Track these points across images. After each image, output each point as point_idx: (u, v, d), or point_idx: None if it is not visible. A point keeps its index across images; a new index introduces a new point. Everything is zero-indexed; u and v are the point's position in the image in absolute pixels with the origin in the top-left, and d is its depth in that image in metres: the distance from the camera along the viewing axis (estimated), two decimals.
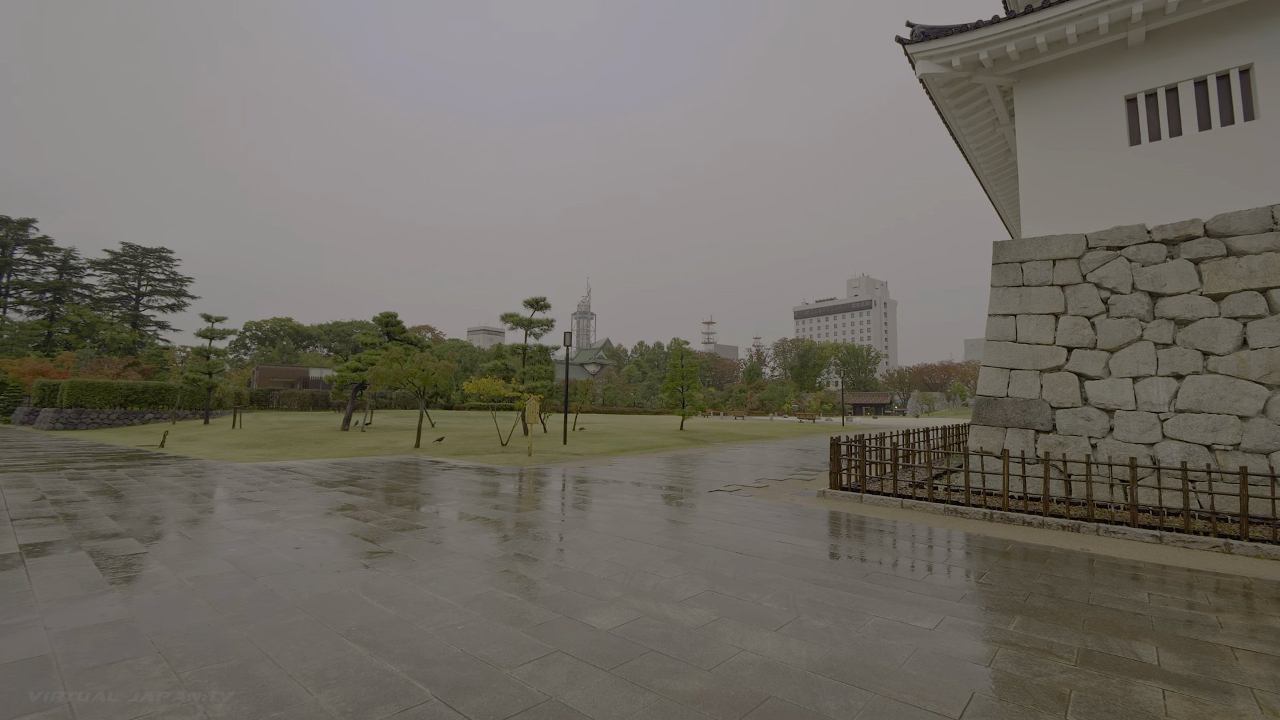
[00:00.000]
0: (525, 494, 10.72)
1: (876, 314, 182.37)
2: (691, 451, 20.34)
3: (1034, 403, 10.93)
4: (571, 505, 9.56)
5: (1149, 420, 9.84)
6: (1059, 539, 7.66)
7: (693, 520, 8.33)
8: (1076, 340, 10.82)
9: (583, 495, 10.62)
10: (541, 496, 10.49)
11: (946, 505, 9.29)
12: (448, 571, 5.68)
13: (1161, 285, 10.26)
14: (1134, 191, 10.82)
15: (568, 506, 9.45)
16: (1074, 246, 11.20)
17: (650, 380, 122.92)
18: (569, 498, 10.37)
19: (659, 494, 10.86)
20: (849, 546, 6.98)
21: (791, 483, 12.69)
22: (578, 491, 11.09)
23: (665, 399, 35.13)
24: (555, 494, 10.83)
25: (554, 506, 9.46)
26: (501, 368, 24.41)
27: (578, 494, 10.79)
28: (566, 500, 10.11)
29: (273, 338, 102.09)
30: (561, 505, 9.59)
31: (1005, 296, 11.75)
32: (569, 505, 9.57)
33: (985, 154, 15.41)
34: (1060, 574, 5.98)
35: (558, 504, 9.72)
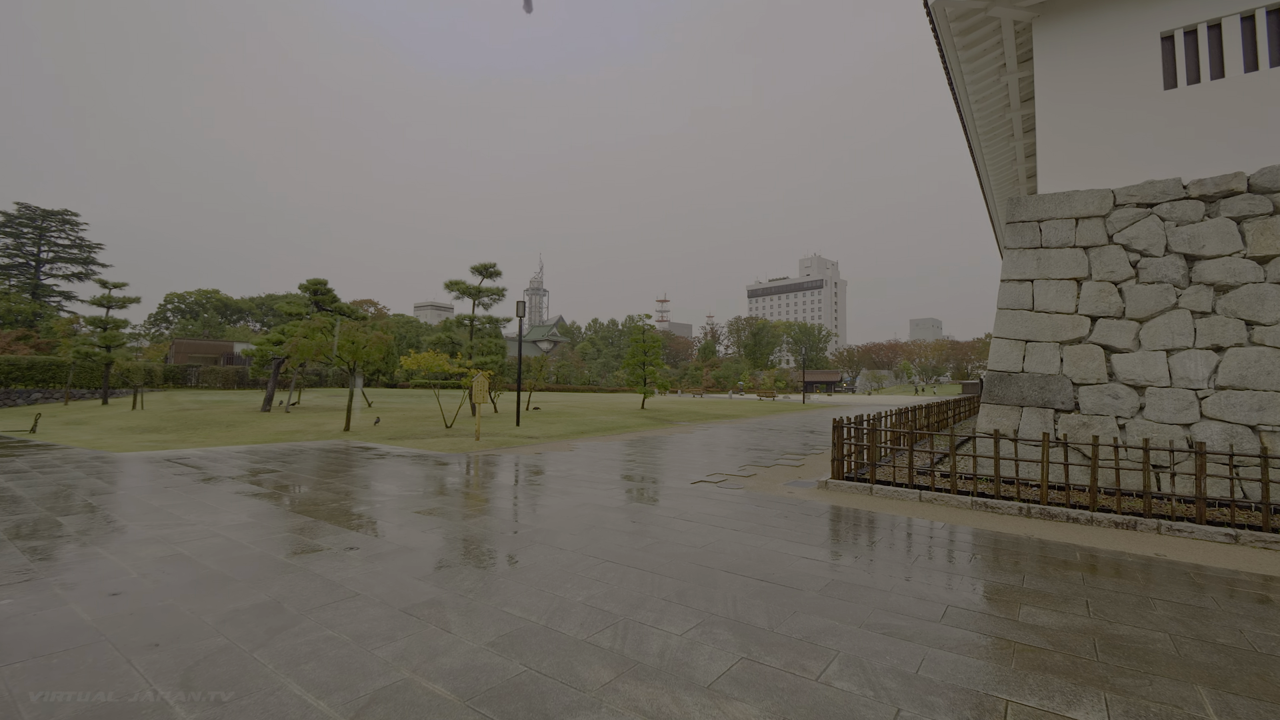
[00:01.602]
0: (470, 492, 8.75)
1: (827, 293, 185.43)
2: (658, 433, 18.69)
3: (1053, 378, 9.70)
4: (528, 508, 7.68)
5: (1185, 398, 8.73)
6: (1119, 540, 6.35)
7: (684, 526, 6.60)
8: (1102, 309, 9.61)
9: (542, 492, 8.74)
10: (490, 495, 8.54)
11: (974, 498, 7.92)
12: (340, 638, 3.73)
13: (1199, 247, 9.11)
14: (1168, 141, 9.59)
15: (523, 510, 7.56)
16: (1099, 203, 9.94)
17: (605, 358, 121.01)
18: (524, 496, 8.47)
19: (634, 488, 9.10)
20: (891, 563, 5.41)
21: (780, 469, 11.18)
22: (535, 486, 9.20)
23: (625, 377, 33.40)
24: (507, 490, 8.91)
25: (506, 510, 7.54)
26: (446, 341, 21.95)
27: (535, 490, 8.90)
28: (521, 500, 8.21)
29: (197, 311, 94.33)
30: (515, 508, 7.69)
31: (1021, 260, 10.44)
32: (525, 508, 7.68)
33: (984, 106, 14.07)
34: (1172, 597, 4.57)
35: (510, 505, 7.81)
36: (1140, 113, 9.79)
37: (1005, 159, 17.25)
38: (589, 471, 10.61)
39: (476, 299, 22.06)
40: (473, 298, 21.96)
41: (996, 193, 19.67)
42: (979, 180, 19.56)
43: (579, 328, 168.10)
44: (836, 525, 6.88)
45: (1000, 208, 20.97)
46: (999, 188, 19.32)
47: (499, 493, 8.62)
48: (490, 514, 7.15)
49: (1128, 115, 9.89)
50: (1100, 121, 10.11)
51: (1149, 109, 9.74)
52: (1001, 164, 17.48)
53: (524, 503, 7.92)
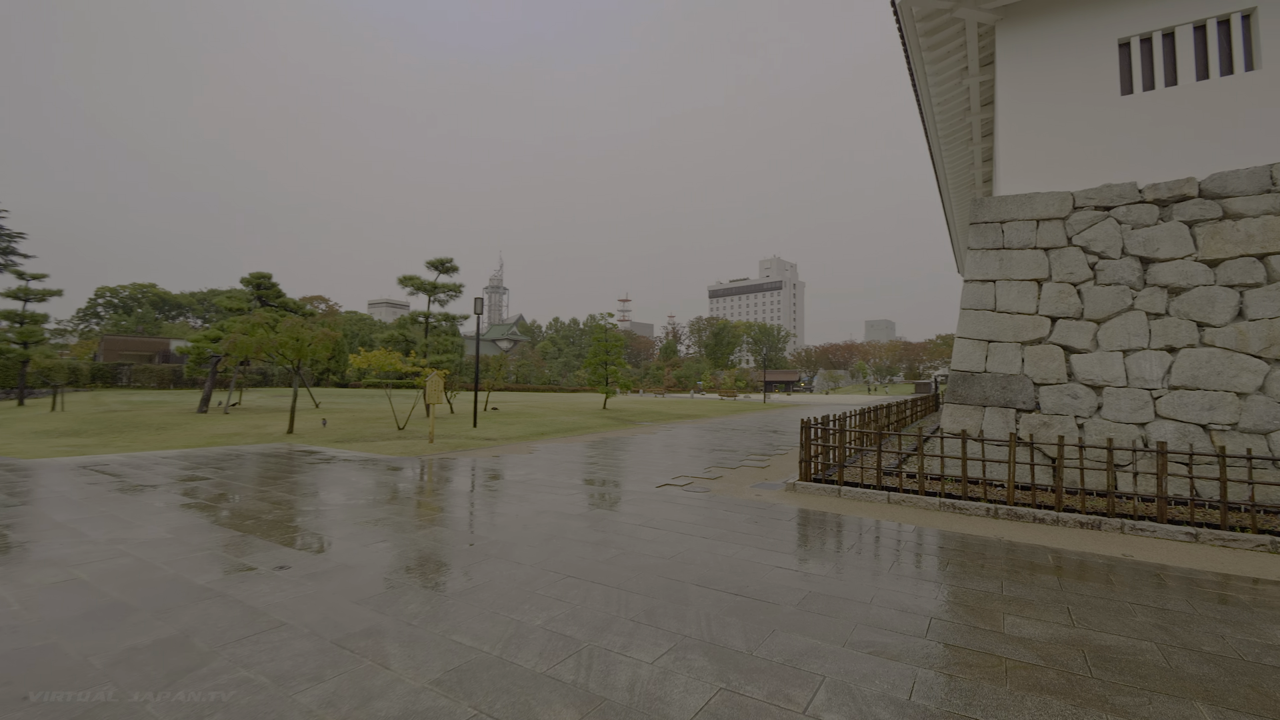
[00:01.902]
0: (421, 500, 8.18)
1: (786, 294, 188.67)
2: (621, 434, 18.30)
3: (1015, 378, 9.77)
4: (483, 517, 7.18)
5: (1141, 398, 8.89)
6: (1086, 541, 6.32)
7: (651, 535, 6.24)
8: (1062, 309, 9.74)
9: (499, 499, 8.24)
10: (443, 503, 8.00)
11: (942, 500, 7.83)
12: (257, 681, 3.21)
13: (1154, 250, 9.31)
14: (1125, 146, 9.78)
15: (478, 519, 7.06)
16: (1059, 206, 10.07)
17: (566, 357, 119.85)
18: (480, 504, 7.96)
19: (596, 493, 8.69)
20: (867, 571, 5.18)
21: (746, 471, 10.95)
22: (492, 493, 8.69)
23: (587, 376, 32.89)
24: (462, 498, 8.37)
25: (459, 520, 7.03)
26: (399, 339, 20.97)
27: (492, 497, 8.39)
28: (476, 508, 7.70)
29: (130, 306, 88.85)
30: (469, 517, 7.18)
31: (984, 260, 10.50)
32: (480, 517, 7.18)
33: (945, 110, 14.22)
34: (1149, 600, 4.47)
35: (464, 515, 7.30)
36: (1099, 117, 9.96)
37: (963, 163, 17.56)
38: (549, 475, 10.14)
39: (432, 295, 21.14)
40: (428, 294, 21.02)
41: (954, 196, 20.06)
42: (938, 184, 19.90)
43: (539, 326, 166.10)
44: (808, 530, 6.65)
45: (957, 211, 21.42)
46: (956, 191, 19.70)
47: (452, 500, 8.08)
48: (442, 524, 6.62)
49: (1087, 119, 10.05)
50: (1060, 124, 10.25)
51: (1107, 114, 9.91)
52: (960, 167, 17.79)
53: (479, 511, 7.41)
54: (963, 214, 21.91)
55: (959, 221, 22.65)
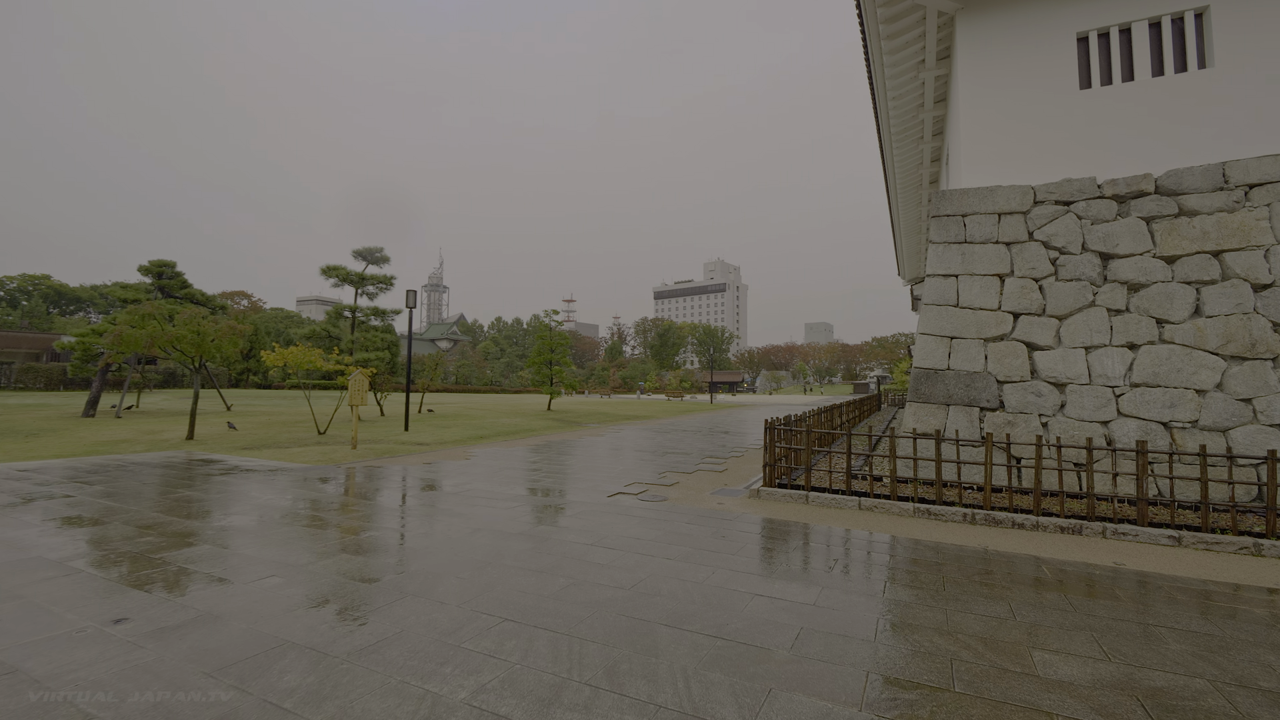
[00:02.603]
0: (329, 519, 6.94)
1: (730, 297, 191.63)
2: (566, 436, 17.25)
3: (978, 376, 9.45)
4: (404, 539, 6.05)
5: (1103, 395, 8.71)
6: (1072, 548, 5.88)
7: (606, 557, 5.33)
8: (1024, 305, 9.50)
9: (425, 515, 7.10)
10: (356, 521, 6.79)
11: (916, 505, 7.29)
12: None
13: (1113, 245, 9.19)
14: (1086, 140, 9.65)
15: (397, 544, 5.93)
16: (1021, 200, 9.85)
17: (509, 357, 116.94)
18: (402, 522, 6.81)
19: (541, 505, 7.69)
20: (861, 597, 4.46)
21: (703, 475, 10.20)
22: (418, 507, 7.53)
23: (530, 377, 31.55)
24: (381, 515, 7.17)
25: (374, 543, 5.88)
26: (323, 334, 19.08)
27: (417, 512, 7.24)
28: (397, 527, 6.55)
29: (17, 299, 80.00)
30: (387, 541, 6.04)
31: (946, 254, 10.17)
32: (400, 539, 6.05)
33: (900, 104, 14.01)
34: (1172, 621, 3.95)
35: (381, 536, 6.15)
36: (1059, 110, 9.80)
37: (912, 162, 17.56)
38: (487, 485, 9.04)
39: (360, 288, 19.35)
40: (355, 286, 19.22)
41: (902, 197, 20.15)
42: (885, 185, 19.93)
43: (481, 326, 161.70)
44: (782, 545, 5.90)
45: (904, 213, 21.59)
46: (904, 192, 19.78)
47: (369, 519, 6.88)
48: (351, 551, 5.47)
49: (1046, 112, 9.87)
50: (1021, 117, 10.04)
51: (1067, 107, 9.76)
52: (909, 166, 17.80)
53: (400, 533, 6.27)
54: (909, 215, 22.12)
55: (905, 223, 22.88)
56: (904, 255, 28.21)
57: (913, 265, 30.41)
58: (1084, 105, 9.67)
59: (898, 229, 24.26)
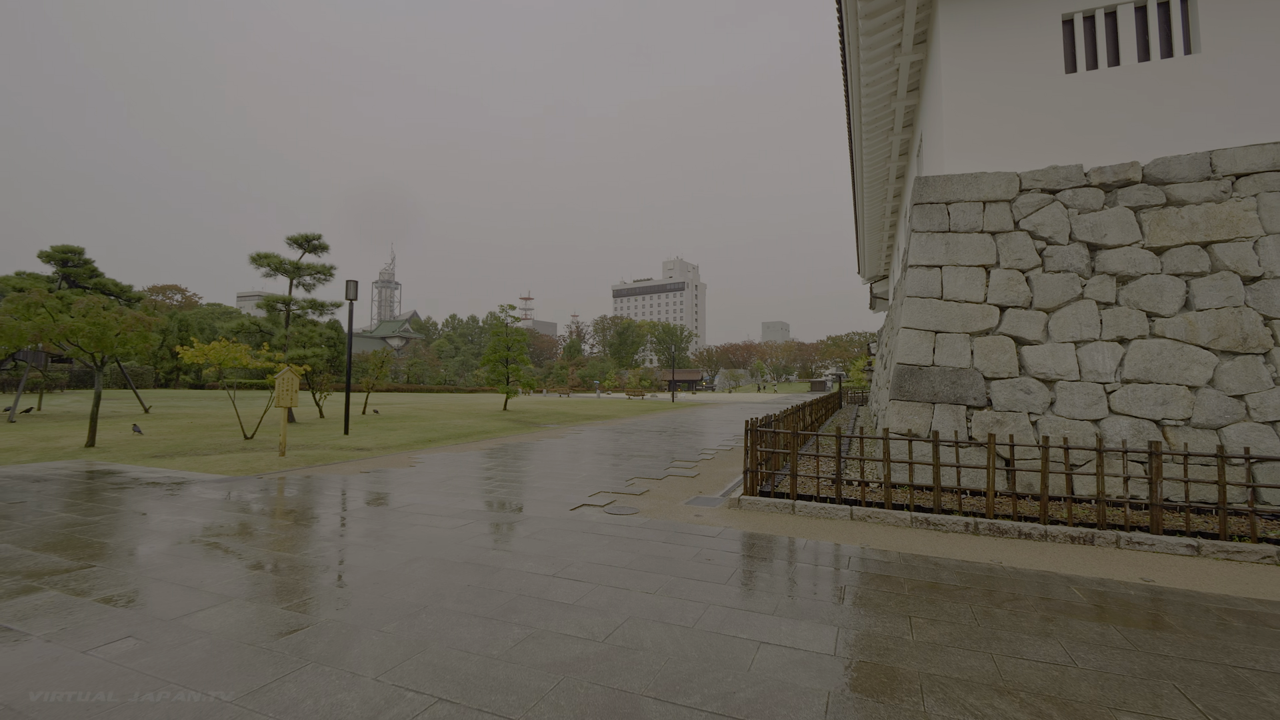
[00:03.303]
0: (232, 547, 5.73)
1: (689, 295, 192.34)
2: (523, 439, 16.12)
3: (965, 372, 8.92)
4: (320, 575, 4.94)
5: (1094, 392, 8.28)
6: (1090, 561, 5.29)
7: (570, 592, 4.37)
8: (1011, 298, 9.02)
9: (352, 539, 5.98)
10: (263, 551, 5.61)
11: (914, 514, 6.61)
12: None
13: (1101, 236, 8.80)
14: (1072, 126, 9.25)
15: (311, 579, 4.81)
16: (1006, 187, 9.38)
17: (464, 355, 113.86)
18: (321, 549, 5.67)
19: (492, 522, 6.65)
20: (887, 641, 3.67)
21: (674, 482, 9.34)
22: (345, 529, 6.38)
23: (486, 375, 30.12)
24: (297, 540, 6.00)
25: (279, 582, 4.75)
26: (251, 328, 17.30)
27: (344, 536, 6.11)
28: (314, 556, 5.41)
29: None
30: (298, 575, 4.91)
31: (929, 244, 9.62)
32: (315, 575, 4.94)
33: (873, 91, 13.50)
34: (1252, 661, 3.30)
35: (291, 571, 5.01)
36: (1044, 95, 9.37)
37: (880, 155, 17.19)
38: (432, 498, 7.93)
39: (295, 278, 17.64)
40: (290, 276, 17.49)
41: (868, 192, 19.84)
42: (852, 179, 19.58)
43: (435, 324, 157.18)
44: (777, 569, 5.08)
45: (869, 209, 21.32)
46: (871, 186, 19.47)
47: (280, 549, 5.70)
48: (246, 597, 4.33)
49: (1032, 96, 9.43)
50: (1006, 100, 9.58)
51: (1051, 92, 9.34)
52: (877, 159, 17.43)
53: (317, 564, 5.14)
54: (874, 212, 21.89)
55: (869, 220, 22.65)
56: (866, 253, 28.14)
57: (874, 263, 30.45)
58: (1070, 90, 9.27)
59: (861, 226, 24.05)
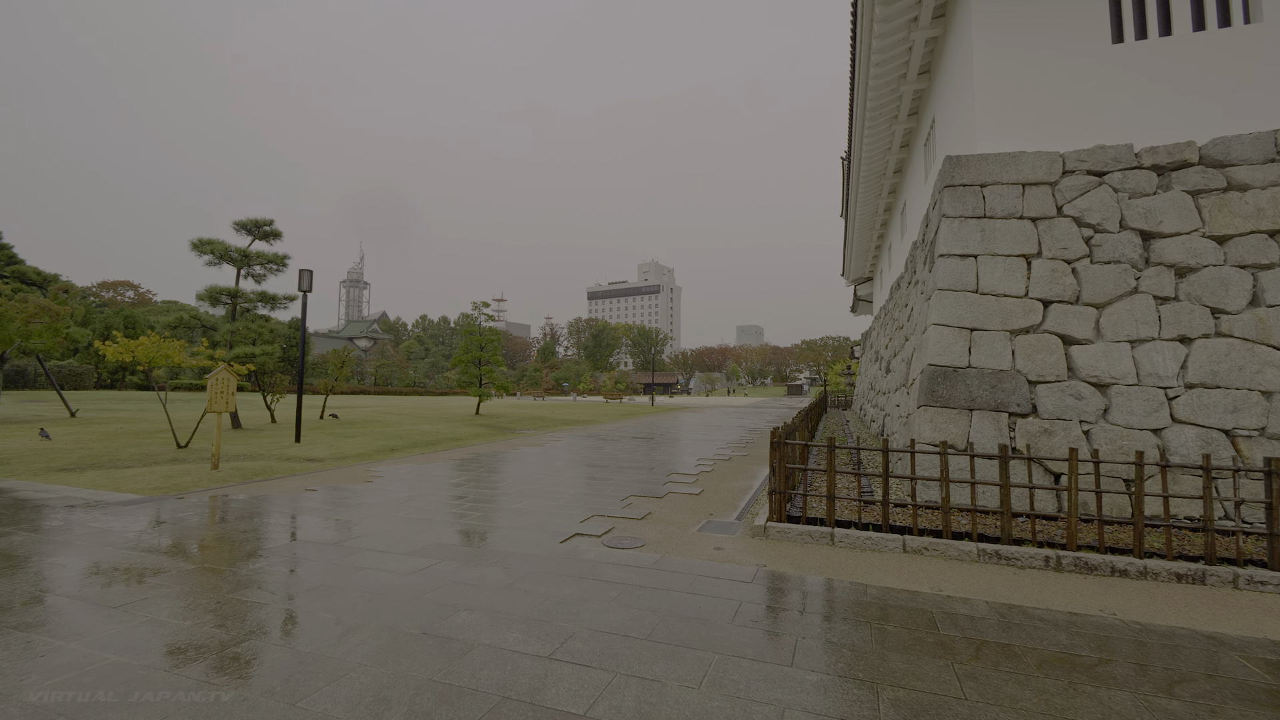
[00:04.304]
0: (113, 601, 4.24)
1: (664, 298, 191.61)
2: (498, 447, 14.66)
3: (1006, 375, 7.88)
4: (216, 651, 3.51)
5: (1155, 398, 7.31)
6: (1218, 610, 4.20)
7: (575, 683, 3.08)
8: (1056, 292, 8.02)
9: (274, 589, 4.54)
10: (153, 608, 4.14)
11: (980, 546, 5.47)
12: None
13: (1156, 223, 7.86)
14: (1118, 101, 8.30)
15: (197, 664, 3.38)
16: (1048, 169, 8.39)
17: (434, 357, 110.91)
18: (223, 609, 4.22)
19: (461, 563, 5.28)
20: None
21: (677, 501, 8.07)
22: (267, 573, 4.93)
23: (457, 377, 28.42)
24: (197, 594, 4.53)
25: (159, 674, 3.31)
26: (191, 323, 15.42)
27: (263, 584, 4.66)
28: (209, 626, 3.97)
29: None
30: (200, 652, 3.47)
31: (963, 231, 8.57)
32: (206, 653, 3.50)
33: (882, 71, 12.48)
34: None
35: (189, 643, 3.57)
36: (1088, 67, 8.41)
37: (881, 146, 16.27)
38: (388, 525, 6.50)
39: (243, 268, 15.80)
40: (237, 266, 15.65)
41: (863, 187, 18.93)
42: (847, 172, 18.67)
43: (405, 325, 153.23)
44: (851, 638, 3.84)
45: (862, 206, 20.44)
46: (868, 181, 18.56)
47: (175, 608, 4.24)
48: (105, 678, 2.90)
49: (1075, 69, 8.46)
50: (1046, 72, 8.59)
51: (1097, 64, 8.38)
52: (877, 151, 16.50)
53: (213, 642, 3.71)
54: (867, 209, 21.04)
55: (861, 217, 21.80)
56: (853, 253, 27.37)
57: (860, 264, 29.74)
58: (1117, 62, 8.32)
59: (852, 224, 23.20)
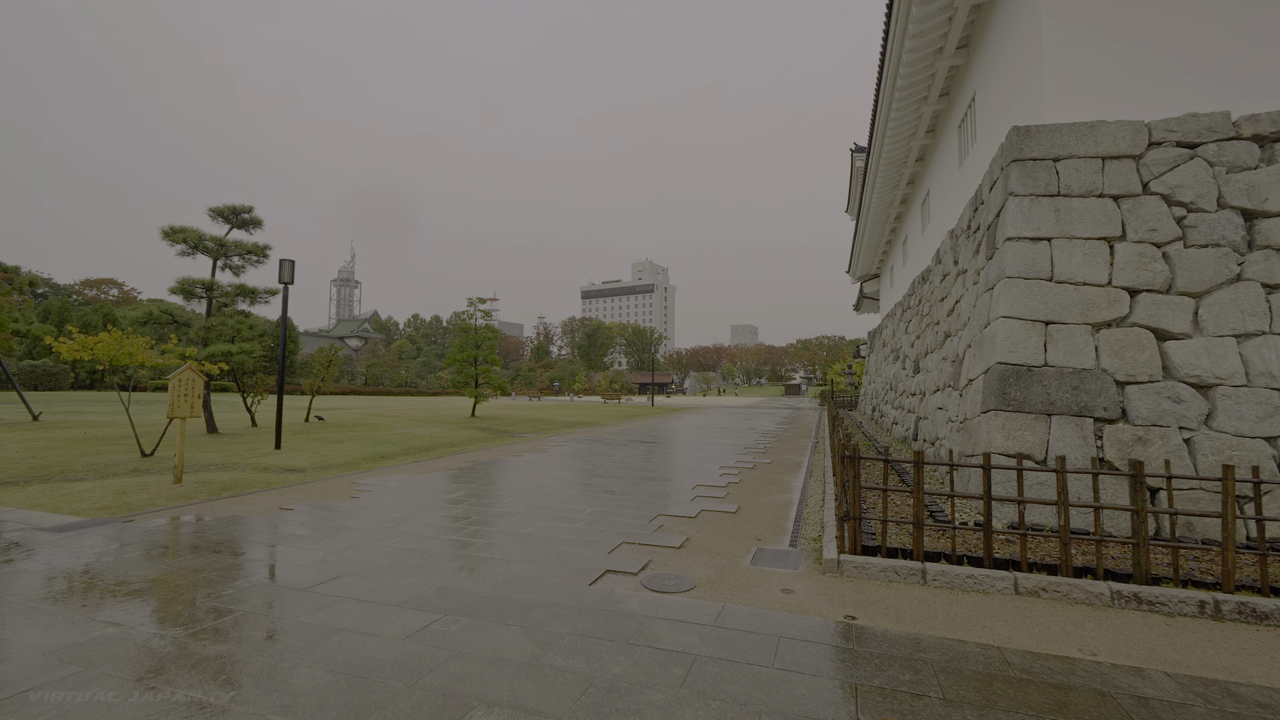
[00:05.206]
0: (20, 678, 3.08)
1: (658, 298, 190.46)
2: (498, 453, 13.51)
3: (1089, 374, 6.84)
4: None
5: (1270, 401, 6.30)
6: None
7: None
8: (1144, 279, 6.99)
9: (225, 662, 3.40)
10: (34, 709, 2.98)
11: (1113, 587, 4.40)
12: None
13: (1261, 200, 6.85)
14: (1210, 64, 7.29)
15: None
16: (1131, 140, 7.37)
17: (427, 356, 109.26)
18: (158, 685, 3.08)
19: (470, 618, 4.16)
20: None
21: (711, 520, 6.97)
22: (222, 633, 3.79)
23: (451, 377, 27.20)
24: (93, 685, 3.39)
25: None
26: (162, 318, 14.14)
27: (207, 656, 3.52)
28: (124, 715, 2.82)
29: None
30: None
31: (1034, 211, 7.53)
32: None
33: (917, 44, 11.41)
34: None
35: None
36: (1176, 24, 7.40)
37: (906, 130, 15.26)
38: (372, 558, 5.37)
39: (220, 258, 14.51)
40: (213, 256, 14.36)
41: (882, 175, 17.93)
42: (866, 157, 17.67)
43: (397, 324, 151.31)
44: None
45: (879, 196, 19.44)
46: (887, 169, 17.56)
47: (82, 687, 3.10)
48: None
49: (1160, 25, 7.44)
50: (1126, 27, 7.56)
51: (1186, 17, 7.37)
52: (901, 136, 15.48)
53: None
54: (883, 200, 20.06)
55: (876, 208, 20.82)
56: (863, 248, 26.40)
57: (869, 260, 28.78)
58: (1207, 16, 7.31)
59: (864, 217, 22.21)
